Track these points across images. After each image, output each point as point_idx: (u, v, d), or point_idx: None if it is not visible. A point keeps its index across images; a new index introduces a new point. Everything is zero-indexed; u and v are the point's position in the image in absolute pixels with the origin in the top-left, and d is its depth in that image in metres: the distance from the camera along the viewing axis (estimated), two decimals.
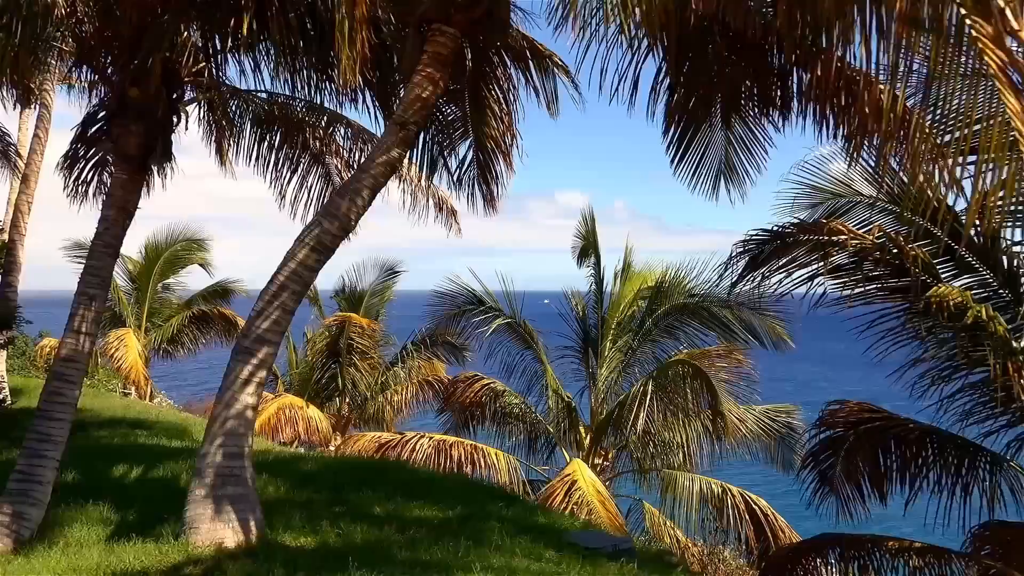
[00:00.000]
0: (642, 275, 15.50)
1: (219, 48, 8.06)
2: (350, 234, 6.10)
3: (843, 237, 6.65)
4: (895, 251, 6.56)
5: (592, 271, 15.53)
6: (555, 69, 8.35)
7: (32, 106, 20.89)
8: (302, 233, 6.06)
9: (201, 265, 21.70)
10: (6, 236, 16.07)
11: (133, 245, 22.73)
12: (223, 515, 5.56)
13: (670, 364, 13.57)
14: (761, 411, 14.71)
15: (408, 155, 7.87)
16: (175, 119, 8.65)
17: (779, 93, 6.78)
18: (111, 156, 8.76)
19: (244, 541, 5.66)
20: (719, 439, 14.09)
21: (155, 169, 8.48)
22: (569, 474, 12.37)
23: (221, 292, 21.97)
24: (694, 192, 8.27)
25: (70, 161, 9.82)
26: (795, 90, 6.79)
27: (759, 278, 7.52)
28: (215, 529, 5.55)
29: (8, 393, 15.20)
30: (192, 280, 22.88)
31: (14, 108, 20.63)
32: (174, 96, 8.48)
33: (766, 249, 7.46)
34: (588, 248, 15.55)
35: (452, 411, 16.40)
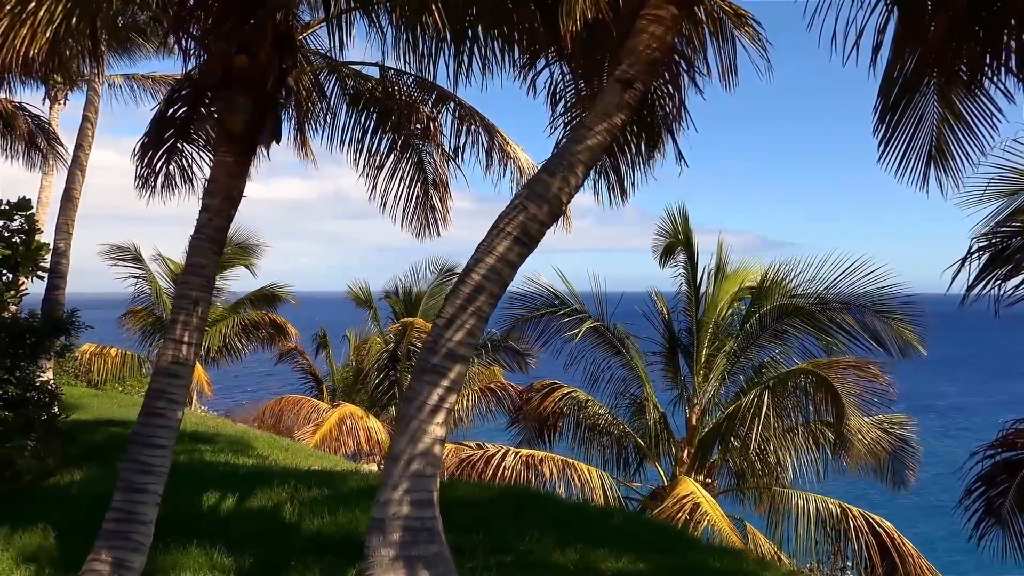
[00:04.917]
0: (740, 274, 14.22)
1: (350, 5, 6.83)
2: (558, 220, 4.85)
3: None
4: None
5: (683, 270, 14.27)
6: (735, 32, 7.07)
7: (61, 101, 19.95)
8: (500, 221, 4.78)
9: (247, 267, 20.50)
10: (45, 237, 14.86)
11: (170, 247, 21.58)
12: None
13: (789, 374, 12.29)
14: (872, 422, 13.48)
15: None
16: (283, 92, 7.48)
17: None
18: (214, 133, 7.56)
19: None
20: (836, 456, 12.87)
21: (264, 151, 7.27)
22: (687, 496, 11.09)
23: (269, 297, 20.72)
24: (901, 180, 7.01)
25: (147, 143, 8.64)
26: None
27: (1002, 277, 6.26)
28: None
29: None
30: (235, 283, 21.71)
31: (43, 102, 19.65)
32: (284, 66, 7.28)
33: (1014, 243, 6.22)
34: (675, 246, 14.27)
35: (525, 422, 15.26)
